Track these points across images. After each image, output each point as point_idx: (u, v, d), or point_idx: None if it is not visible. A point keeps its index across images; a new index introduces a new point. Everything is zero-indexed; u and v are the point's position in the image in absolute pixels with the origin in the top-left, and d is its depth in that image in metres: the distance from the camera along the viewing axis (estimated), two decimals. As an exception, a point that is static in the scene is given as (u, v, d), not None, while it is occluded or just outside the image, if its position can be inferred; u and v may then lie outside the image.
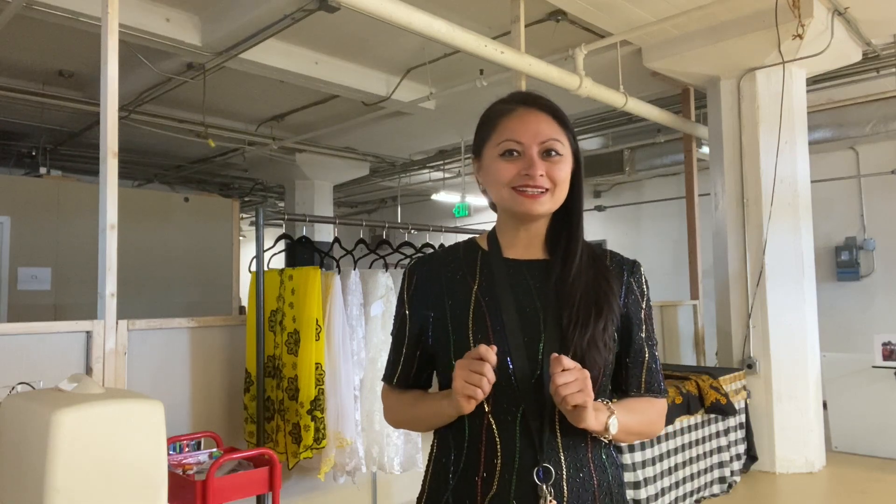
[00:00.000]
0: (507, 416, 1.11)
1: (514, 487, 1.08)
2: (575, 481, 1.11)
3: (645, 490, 3.52)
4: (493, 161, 1.17)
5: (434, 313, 1.19)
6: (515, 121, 1.16)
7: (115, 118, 2.54)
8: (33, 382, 2.12)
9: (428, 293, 1.20)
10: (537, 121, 1.17)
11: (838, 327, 6.55)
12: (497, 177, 1.16)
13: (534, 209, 1.15)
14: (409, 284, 1.24)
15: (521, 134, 1.15)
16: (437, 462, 1.19)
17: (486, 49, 3.95)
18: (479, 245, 1.25)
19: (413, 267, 1.25)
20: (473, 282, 1.19)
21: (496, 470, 1.10)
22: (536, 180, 1.13)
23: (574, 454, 1.12)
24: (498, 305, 1.15)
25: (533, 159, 1.14)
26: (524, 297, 1.16)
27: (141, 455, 1.73)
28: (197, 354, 2.87)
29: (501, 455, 1.10)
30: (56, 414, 1.59)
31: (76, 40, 5.02)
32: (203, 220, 7.30)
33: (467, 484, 1.12)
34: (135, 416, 1.74)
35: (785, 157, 4.79)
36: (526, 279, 1.18)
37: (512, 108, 1.19)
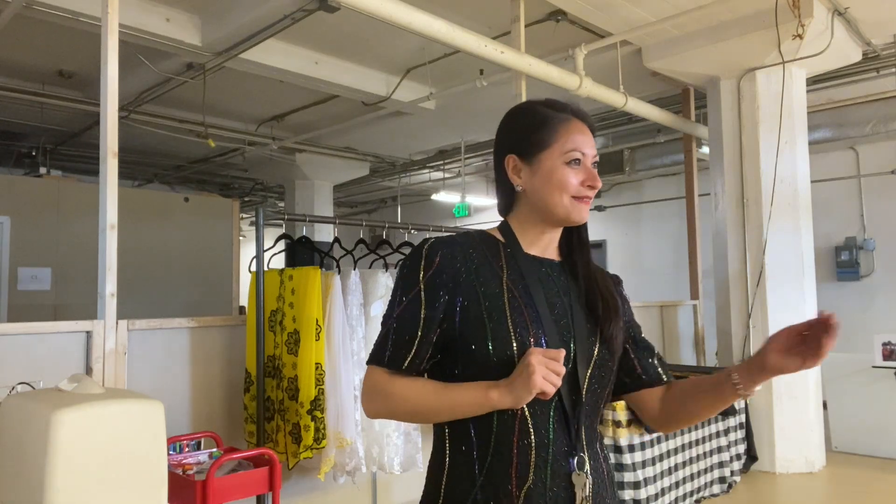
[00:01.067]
0: (543, 408, 1.12)
1: (548, 478, 1.10)
2: (594, 469, 1.15)
3: (645, 490, 3.52)
4: (557, 166, 1.19)
5: (463, 299, 1.14)
6: (577, 133, 1.20)
7: (115, 118, 2.54)
8: (33, 382, 2.12)
9: (454, 276, 1.15)
10: (590, 135, 1.23)
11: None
12: (562, 182, 1.18)
13: (585, 216, 1.22)
14: (426, 264, 1.16)
15: (585, 145, 1.20)
16: (457, 459, 1.14)
17: (486, 49, 3.95)
18: (497, 237, 1.25)
19: (433, 246, 1.18)
20: (502, 272, 1.18)
21: (530, 461, 1.10)
22: (594, 191, 1.20)
23: (591, 445, 1.17)
24: (530, 296, 1.16)
25: (592, 171, 1.20)
26: (551, 290, 1.20)
27: (141, 455, 1.73)
28: (197, 354, 2.87)
29: (535, 446, 1.10)
30: (56, 414, 1.59)
31: (76, 40, 5.02)
32: (203, 220, 7.30)
33: (500, 477, 1.10)
34: (135, 416, 1.74)
35: (785, 157, 4.79)
36: (551, 276, 1.22)
37: (568, 117, 1.22)
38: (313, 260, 3.18)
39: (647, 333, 1.41)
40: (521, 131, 1.24)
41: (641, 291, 8.43)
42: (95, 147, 2.62)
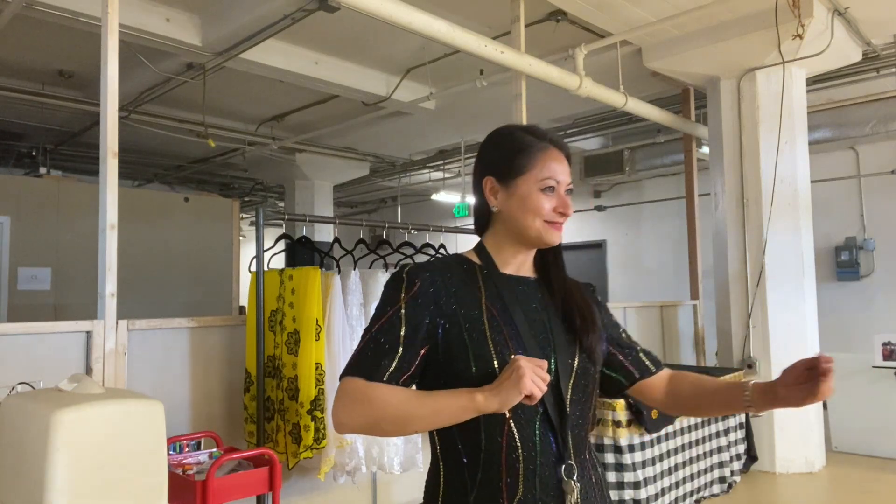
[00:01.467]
0: (527, 422, 1.16)
1: (538, 488, 1.14)
2: (582, 477, 1.19)
3: (645, 490, 3.52)
4: (532, 192, 1.26)
5: (445, 321, 1.20)
6: (553, 161, 1.28)
7: (115, 118, 2.54)
8: (33, 382, 2.12)
9: (434, 299, 1.21)
10: (565, 164, 1.30)
11: (838, 327, 6.55)
12: (536, 208, 1.25)
13: (558, 240, 1.29)
14: (407, 286, 1.22)
15: (559, 173, 1.27)
16: (450, 476, 1.18)
17: (486, 49, 3.95)
18: (471, 260, 1.31)
19: (413, 271, 1.24)
20: (480, 293, 1.24)
21: (519, 474, 1.14)
22: (566, 217, 1.28)
23: (579, 452, 1.21)
24: (509, 314, 1.22)
25: (564, 199, 1.28)
26: (528, 307, 1.26)
27: (141, 455, 1.73)
28: (197, 354, 2.87)
29: (523, 459, 1.15)
30: (56, 414, 1.59)
31: (76, 40, 5.02)
32: (203, 220, 7.30)
33: (491, 490, 1.15)
34: (135, 416, 1.74)
35: (785, 157, 4.79)
36: (527, 293, 1.29)
37: (546, 145, 1.29)
38: (313, 260, 3.18)
39: (647, 333, 1.44)
40: (500, 155, 1.30)
41: (641, 291, 8.43)
42: (95, 147, 2.62)
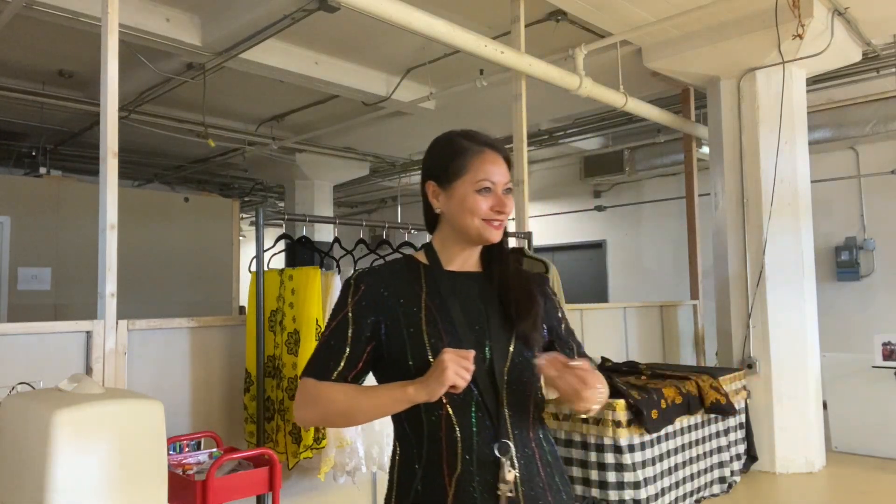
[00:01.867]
0: (464, 404, 1.27)
1: (475, 466, 1.25)
2: (523, 455, 1.29)
3: (645, 490, 3.52)
4: (469, 193, 1.35)
5: (386, 319, 1.32)
6: (489, 163, 1.36)
7: (115, 118, 2.54)
8: (33, 382, 2.12)
9: (377, 301, 1.34)
10: (501, 165, 1.38)
11: (838, 327, 6.55)
12: (473, 207, 1.34)
13: (496, 238, 1.37)
14: (354, 292, 1.36)
15: (495, 174, 1.36)
16: (404, 454, 1.32)
17: (486, 49, 3.95)
18: (419, 261, 1.42)
19: (358, 277, 1.38)
20: (421, 290, 1.36)
21: (458, 453, 1.25)
22: (505, 215, 1.36)
23: (520, 432, 1.30)
24: (446, 308, 1.33)
25: (501, 198, 1.36)
26: (467, 299, 1.36)
27: (141, 455, 1.73)
28: (197, 354, 2.87)
29: (461, 439, 1.26)
30: (56, 414, 1.59)
31: (76, 40, 5.02)
32: (203, 220, 7.30)
33: (434, 468, 1.26)
34: (135, 416, 1.74)
35: (785, 157, 4.79)
36: (468, 287, 1.38)
37: (481, 149, 1.37)
38: (313, 260, 3.18)
39: (647, 333, 1.45)
40: (439, 161, 1.40)
41: (641, 291, 8.44)
42: (95, 147, 2.62)
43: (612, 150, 8.34)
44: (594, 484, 3.56)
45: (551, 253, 9.35)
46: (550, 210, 9.61)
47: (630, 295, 8.47)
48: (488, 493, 1.24)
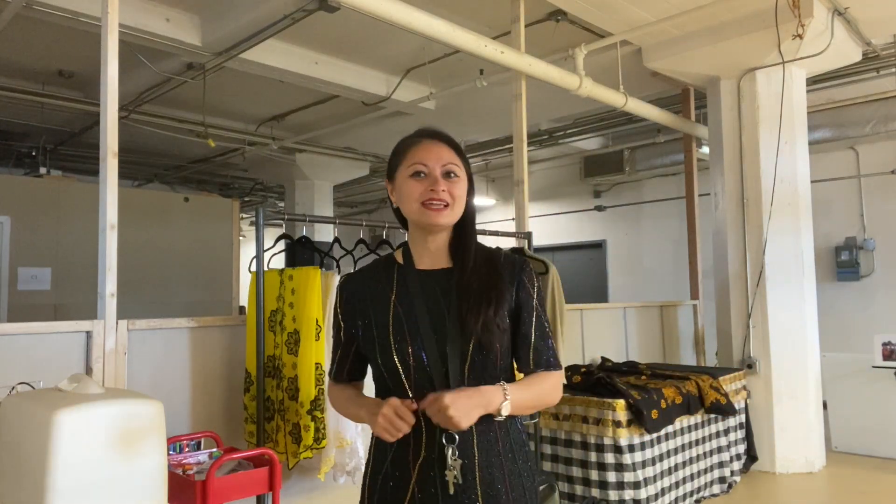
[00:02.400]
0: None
1: (435, 454, 1.37)
2: (483, 443, 1.38)
3: (645, 490, 3.52)
4: (404, 181, 1.42)
5: (362, 322, 1.45)
6: (422, 149, 1.43)
7: (115, 118, 2.54)
8: (33, 382, 2.12)
9: (356, 305, 1.46)
10: (439, 149, 1.43)
11: (838, 327, 6.55)
12: (409, 193, 1.41)
13: (438, 220, 1.40)
14: (340, 299, 1.50)
15: (427, 158, 1.41)
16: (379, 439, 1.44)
17: (486, 49, 3.95)
18: (396, 260, 1.50)
19: (342, 284, 1.51)
20: (391, 293, 1.44)
21: (422, 441, 1.38)
22: (440, 195, 1.39)
23: (483, 431, 1.38)
24: (412, 311, 1.40)
25: (437, 178, 1.40)
26: (432, 301, 1.42)
27: (141, 455, 1.73)
28: (197, 354, 2.86)
29: (425, 429, 1.37)
30: (56, 414, 1.59)
31: (76, 40, 5.02)
32: (203, 220, 7.29)
33: (402, 453, 1.41)
34: (135, 416, 1.74)
35: (785, 157, 4.79)
36: (434, 286, 1.44)
37: (418, 140, 1.45)
38: (313, 260, 3.18)
39: (647, 333, 1.46)
40: (389, 160, 1.50)
41: (641, 291, 8.44)
42: (95, 147, 2.62)
43: (612, 150, 8.34)
44: (594, 484, 3.56)
45: (551, 253, 9.35)
46: (550, 210, 9.61)
47: (630, 295, 8.47)
48: (443, 480, 1.37)
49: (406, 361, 1.37)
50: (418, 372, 1.36)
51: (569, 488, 3.67)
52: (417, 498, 1.38)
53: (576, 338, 4.76)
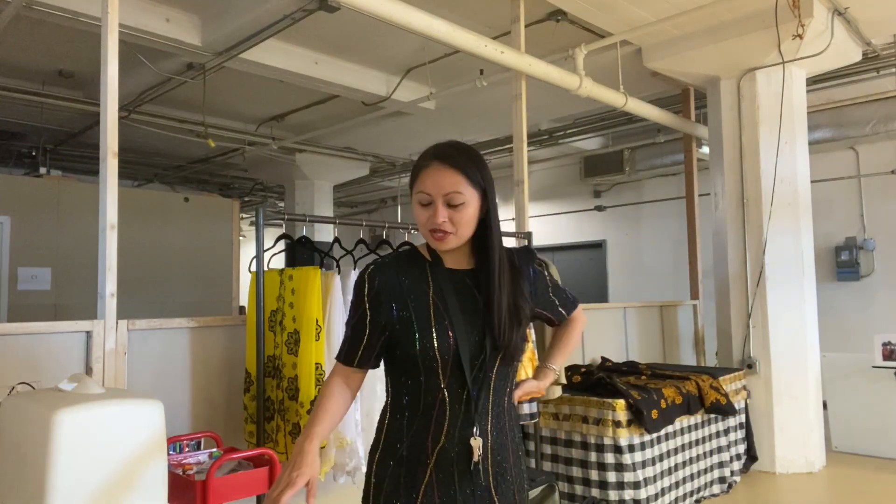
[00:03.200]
0: (458, 391, 1.46)
1: (456, 441, 1.46)
2: (497, 433, 1.50)
3: (645, 490, 3.52)
4: (414, 205, 1.50)
5: (399, 310, 1.48)
6: (428, 176, 1.46)
7: (115, 118, 2.54)
8: (33, 382, 2.12)
9: (390, 295, 1.49)
10: (442, 175, 1.45)
11: (838, 327, 6.55)
12: (418, 218, 1.50)
13: (441, 248, 1.49)
14: (369, 287, 1.51)
15: (430, 187, 1.45)
16: (393, 421, 1.51)
17: (486, 49, 3.95)
18: (423, 256, 1.56)
19: (371, 273, 1.52)
20: (428, 287, 1.51)
21: (443, 429, 1.45)
22: (440, 226, 1.45)
23: (497, 415, 1.51)
24: (447, 307, 1.48)
25: (438, 209, 1.45)
26: (465, 300, 1.51)
27: (141, 455, 1.73)
28: (197, 354, 2.87)
29: (449, 417, 1.45)
30: (56, 414, 1.59)
31: (76, 40, 5.03)
32: (203, 220, 7.29)
33: (420, 438, 1.46)
34: (135, 416, 1.74)
35: (785, 157, 4.79)
36: (463, 285, 1.53)
37: (428, 163, 1.48)
38: (313, 260, 3.18)
39: (647, 333, 1.48)
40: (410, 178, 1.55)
41: (641, 291, 8.44)
42: (95, 147, 2.62)
43: (612, 150, 8.34)
44: (594, 484, 3.56)
45: (551, 253, 9.35)
46: (550, 210, 9.61)
47: (630, 295, 8.47)
48: (463, 464, 1.45)
49: (445, 349, 1.44)
50: (454, 360, 1.45)
51: (569, 488, 3.67)
52: (434, 481, 1.45)
53: (576, 338, 4.76)
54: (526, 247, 1.61)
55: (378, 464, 1.52)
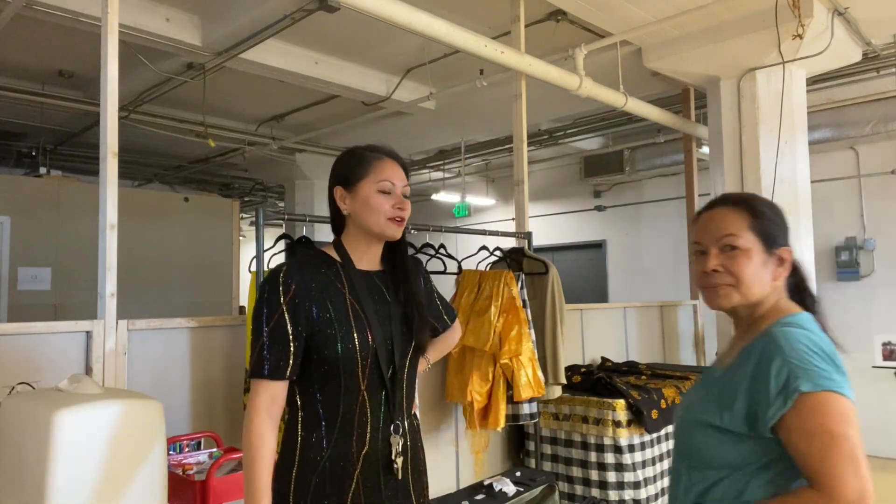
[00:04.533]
0: (376, 392, 1.51)
1: (379, 443, 1.49)
2: (409, 426, 1.58)
3: (645, 490, 3.52)
4: (372, 194, 1.53)
5: (320, 313, 1.48)
6: (388, 167, 1.56)
7: (115, 118, 2.54)
8: (33, 382, 2.12)
9: (308, 296, 1.48)
10: (400, 170, 1.59)
11: (838, 327, 6.51)
12: (377, 206, 1.53)
13: (398, 234, 1.57)
14: (285, 290, 1.47)
15: (394, 177, 1.56)
16: (308, 436, 1.48)
17: (486, 49, 3.95)
18: (332, 257, 1.58)
19: (287, 274, 1.49)
20: (343, 288, 1.53)
21: (367, 432, 1.48)
22: (405, 213, 1.56)
23: (408, 408, 1.59)
24: (364, 307, 1.52)
25: (401, 198, 1.56)
26: (378, 300, 1.56)
27: (141, 455, 1.73)
28: (197, 354, 2.87)
29: (371, 420, 1.49)
30: (56, 414, 1.59)
31: (76, 40, 5.02)
32: (203, 220, 7.30)
33: (344, 449, 1.46)
34: (135, 416, 1.74)
35: (785, 157, 4.79)
36: (376, 285, 1.58)
37: (381, 156, 1.57)
38: (313, 260, 3.17)
39: (647, 333, 1.46)
40: (345, 168, 1.58)
41: (641, 291, 8.43)
42: (95, 147, 2.62)
43: (612, 150, 8.34)
44: (594, 484, 3.56)
45: (551, 253, 9.35)
46: (550, 210, 9.61)
47: (630, 295, 8.46)
48: (385, 465, 1.49)
49: (365, 349, 1.48)
50: (372, 360, 1.49)
51: (569, 488, 3.67)
52: (361, 487, 1.47)
53: (576, 338, 4.76)
54: (413, 255, 1.77)
55: (296, 483, 1.47)
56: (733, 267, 1.29)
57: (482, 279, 3.41)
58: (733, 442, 1.17)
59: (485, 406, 3.29)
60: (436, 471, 3.47)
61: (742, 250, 1.30)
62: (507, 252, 3.85)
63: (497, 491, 3.20)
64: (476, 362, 3.29)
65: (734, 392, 1.19)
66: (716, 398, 1.21)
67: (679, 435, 1.31)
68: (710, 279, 1.30)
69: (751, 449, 1.16)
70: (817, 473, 1.14)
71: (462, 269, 3.55)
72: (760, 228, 1.34)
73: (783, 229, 1.40)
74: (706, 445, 1.20)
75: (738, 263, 1.29)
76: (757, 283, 1.30)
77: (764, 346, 1.20)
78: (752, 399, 1.16)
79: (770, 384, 1.14)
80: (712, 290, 1.30)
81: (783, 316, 1.30)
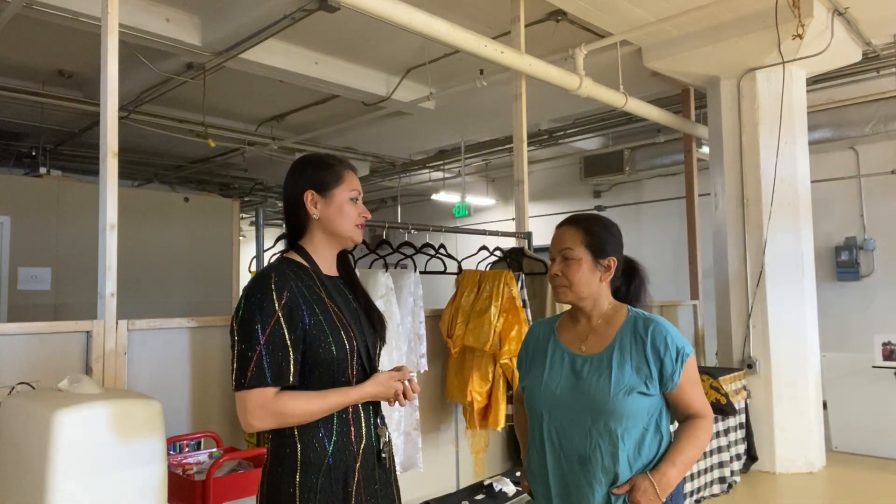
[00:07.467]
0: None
1: (373, 435, 1.59)
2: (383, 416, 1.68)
3: (645, 490, 3.52)
4: (345, 202, 1.63)
5: (312, 319, 1.52)
6: (355, 178, 1.69)
7: (115, 118, 2.54)
8: (33, 382, 2.12)
9: (301, 304, 1.51)
10: (358, 181, 1.72)
11: (838, 327, 6.54)
12: (348, 213, 1.63)
13: (361, 239, 1.69)
14: (278, 296, 1.49)
15: (359, 188, 1.69)
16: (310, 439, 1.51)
17: (486, 49, 3.95)
18: (302, 263, 1.61)
19: (278, 281, 1.51)
20: (322, 293, 1.58)
21: (362, 426, 1.57)
22: (367, 219, 1.69)
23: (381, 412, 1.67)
24: (341, 309, 1.59)
25: (363, 206, 1.69)
26: (346, 302, 1.64)
27: (141, 455, 1.73)
28: (197, 354, 2.86)
29: (363, 415, 1.58)
30: (56, 414, 1.59)
31: (76, 40, 5.03)
32: (203, 220, 7.30)
33: (345, 446, 1.53)
34: (135, 416, 1.74)
35: (785, 157, 4.79)
36: (340, 290, 1.66)
37: (347, 168, 1.68)
38: (313, 260, 3.17)
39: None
40: (317, 174, 1.64)
41: (641, 291, 8.42)
42: (95, 147, 2.62)
43: (612, 150, 8.34)
44: (594, 484, 3.56)
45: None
46: (550, 210, 9.61)
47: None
48: (377, 459, 1.59)
49: (353, 350, 1.55)
50: (357, 358, 1.57)
51: (569, 488, 3.67)
52: (361, 480, 1.55)
53: (576, 338, 4.76)
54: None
55: (300, 486, 1.48)
56: (568, 272, 1.74)
57: (482, 279, 3.41)
58: (647, 400, 1.63)
59: (485, 406, 3.28)
60: (436, 471, 3.47)
61: (575, 260, 1.74)
62: (507, 252, 3.85)
63: (497, 491, 3.20)
64: (476, 362, 3.29)
65: (645, 364, 1.64)
66: (634, 370, 1.64)
67: (599, 406, 1.63)
68: (553, 281, 1.76)
69: (652, 402, 1.64)
70: (699, 405, 1.67)
71: (462, 269, 3.55)
72: (591, 244, 1.76)
73: (613, 245, 1.80)
74: (637, 407, 1.61)
75: (572, 270, 1.74)
76: (584, 284, 1.75)
77: (646, 328, 1.70)
78: (658, 367, 1.63)
79: (671, 355, 1.63)
80: (555, 289, 1.76)
81: (627, 309, 1.81)
